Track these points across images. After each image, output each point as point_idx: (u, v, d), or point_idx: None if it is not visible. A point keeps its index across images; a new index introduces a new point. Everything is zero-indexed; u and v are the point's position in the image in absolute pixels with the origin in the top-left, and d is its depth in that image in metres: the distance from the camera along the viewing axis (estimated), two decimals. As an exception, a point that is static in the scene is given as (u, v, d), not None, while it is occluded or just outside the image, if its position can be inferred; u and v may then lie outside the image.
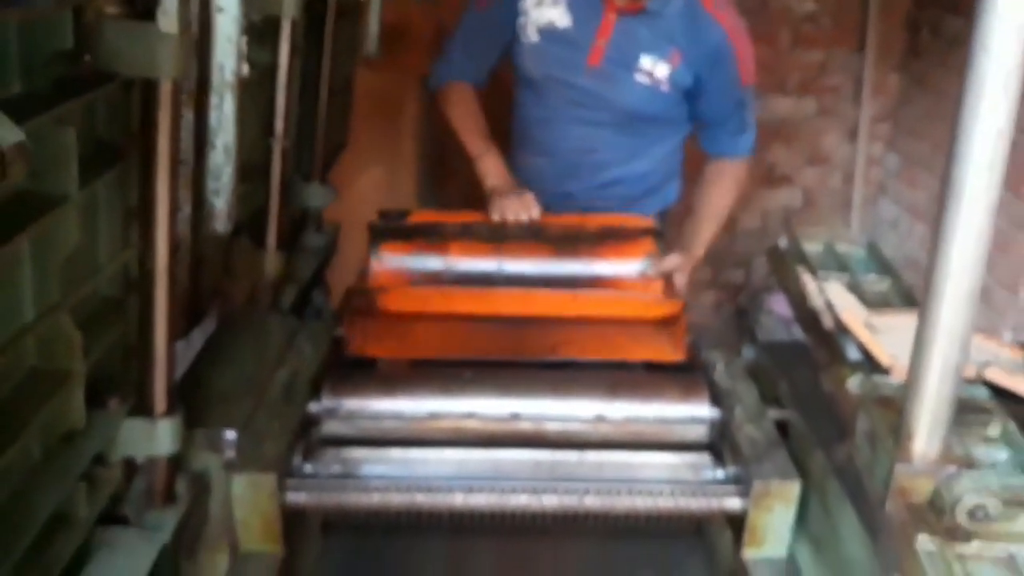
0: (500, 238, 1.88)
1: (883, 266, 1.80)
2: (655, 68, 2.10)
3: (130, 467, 1.24)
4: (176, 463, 1.25)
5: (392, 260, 1.81)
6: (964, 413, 1.36)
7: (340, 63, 2.11)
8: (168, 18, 0.81)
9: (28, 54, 0.84)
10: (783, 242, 2.03)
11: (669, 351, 1.67)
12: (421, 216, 1.96)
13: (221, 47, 0.87)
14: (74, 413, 1.06)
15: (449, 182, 3.68)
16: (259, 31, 1.58)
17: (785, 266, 1.81)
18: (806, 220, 3.66)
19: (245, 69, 0.89)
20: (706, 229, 2.23)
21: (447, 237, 1.86)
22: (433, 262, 1.82)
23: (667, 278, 1.90)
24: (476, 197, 2.10)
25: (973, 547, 1.14)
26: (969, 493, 1.15)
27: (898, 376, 1.37)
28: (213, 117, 0.91)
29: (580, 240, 1.88)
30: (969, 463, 1.22)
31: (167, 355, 1.16)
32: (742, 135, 2.23)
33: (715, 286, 3.79)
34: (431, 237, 1.85)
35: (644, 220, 2.00)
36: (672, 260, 1.94)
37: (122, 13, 0.86)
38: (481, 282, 1.78)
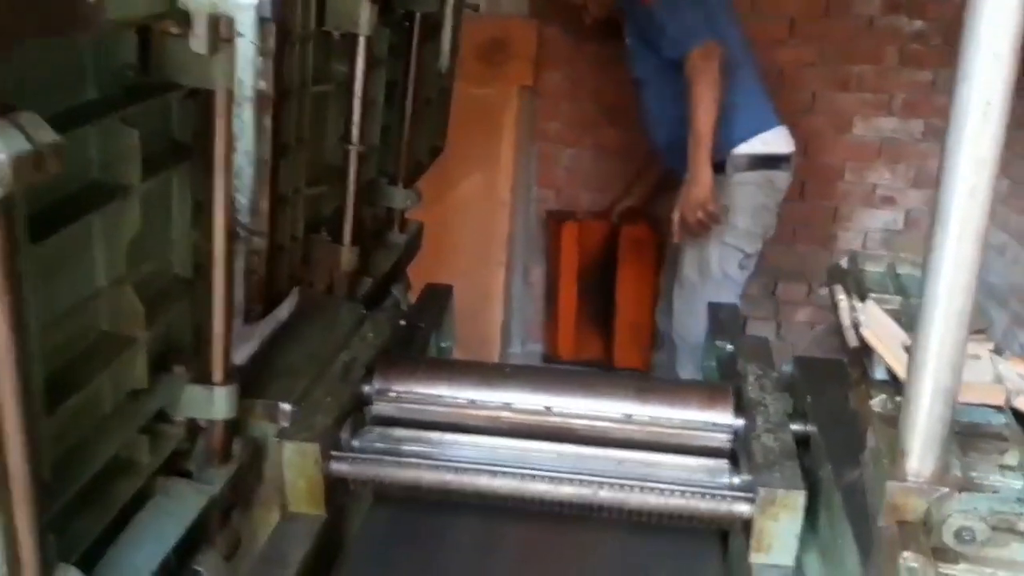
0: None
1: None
2: None
3: (195, 428, 1.41)
4: (233, 427, 1.42)
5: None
6: (984, 439, 1.38)
7: (432, 73, 2.26)
8: (198, 40, 0.97)
9: (100, 66, 1.01)
10: (844, 262, 2.05)
11: None
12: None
13: (241, 66, 1.02)
14: (137, 374, 1.23)
15: (544, 190, 3.81)
16: (340, 46, 1.75)
17: (834, 286, 1.84)
18: (907, 243, 3.58)
19: (262, 84, 1.03)
20: (692, 147, 2.79)
21: None
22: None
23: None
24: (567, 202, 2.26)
25: (959, 569, 1.17)
26: (956, 514, 1.18)
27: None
28: (236, 125, 1.06)
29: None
30: (968, 486, 1.24)
31: (224, 331, 1.32)
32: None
33: (810, 304, 3.76)
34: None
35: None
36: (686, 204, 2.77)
37: (182, 33, 1.03)
38: None
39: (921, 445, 1.21)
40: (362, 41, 1.63)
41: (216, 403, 1.34)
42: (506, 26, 3.33)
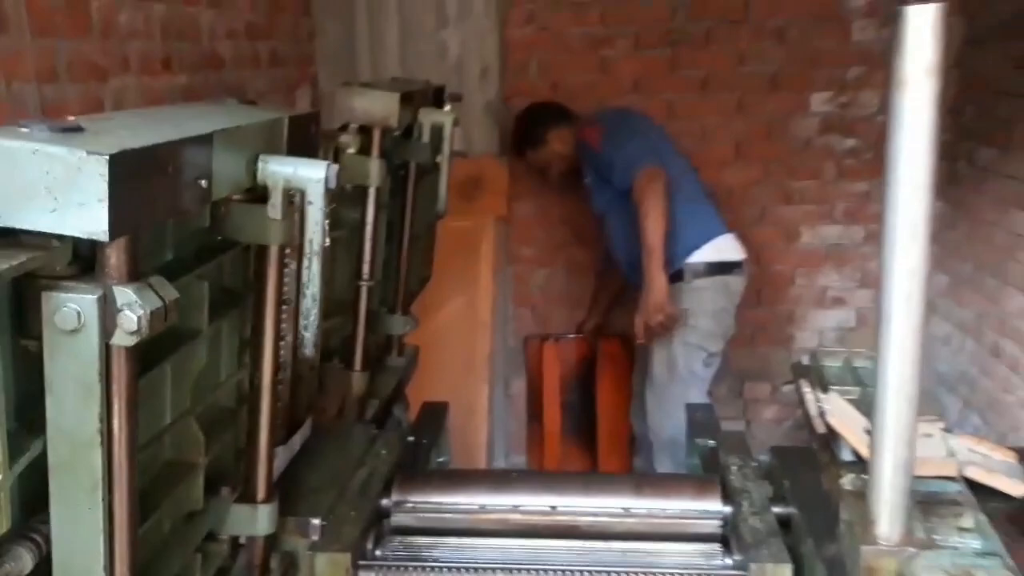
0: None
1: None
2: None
3: (235, 546, 1.55)
4: (271, 543, 1.55)
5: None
6: (942, 506, 1.57)
7: (423, 212, 2.50)
8: (275, 208, 1.18)
9: (177, 233, 1.21)
10: (806, 359, 2.28)
11: None
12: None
13: (311, 227, 1.22)
14: (195, 497, 1.38)
15: (521, 309, 4.04)
16: (350, 196, 1.98)
17: (799, 381, 2.05)
18: (860, 338, 3.82)
19: (327, 241, 1.23)
20: (645, 258, 3.13)
21: None
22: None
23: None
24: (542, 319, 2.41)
25: (933, 621, 1.34)
26: (923, 571, 1.36)
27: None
28: (304, 274, 1.26)
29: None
30: (931, 545, 1.42)
31: (268, 454, 1.48)
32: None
33: (775, 402, 3.97)
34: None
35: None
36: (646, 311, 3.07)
37: (245, 199, 1.23)
38: None
39: (888, 513, 1.40)
40: (372, 192, 1.86)
41: (259, 520, 1.48)
42: (480, 165, 3.63)
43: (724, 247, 3.27)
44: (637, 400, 3.56)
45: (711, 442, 2.06)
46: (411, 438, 2.10)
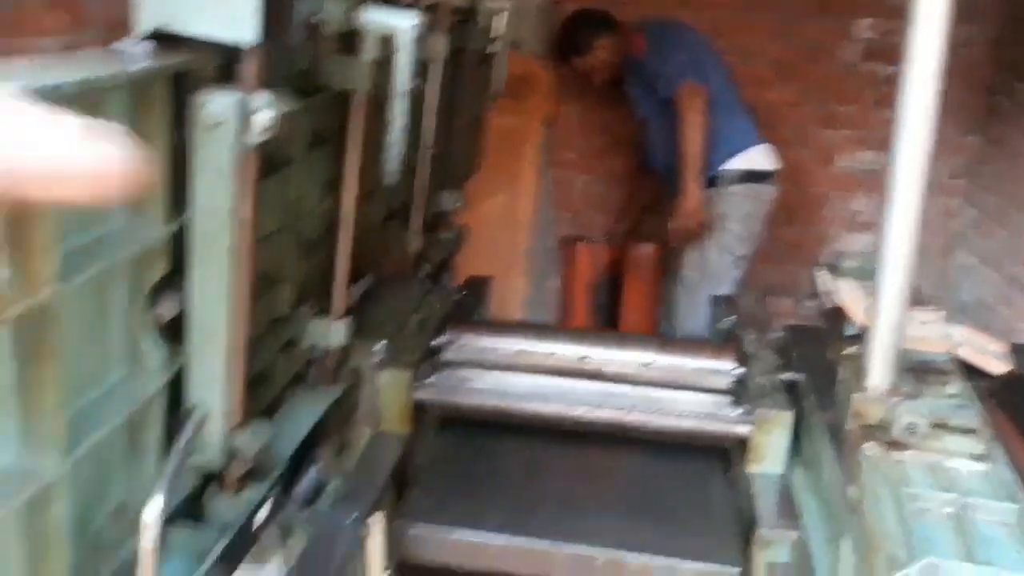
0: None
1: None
2: None
3: (308, 363, 1.79)
4: (343, 357, 1.79)
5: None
6: (932, 374, 1.78)
7: (474, 100, 2.68)
8: (368, 53, 1.38)
9: (287, 68, 1.42)
10: (827, 258, 2.47)
11: None
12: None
13: (400, 71, 1.42)
14: (283, 304, 1.62)
15: (560, 212, 4.23)
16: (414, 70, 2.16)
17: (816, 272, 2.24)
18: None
19: (411, 85, 1.44)
20: (682, 166, 3.30)
21: None
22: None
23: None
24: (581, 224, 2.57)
25: (906, 455, 1.55)
26: (905, 415, 1.57)
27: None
28: (392, 111, 1.46)
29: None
30: (914, 396, 1.62)
31: (344, 275, 1.71)
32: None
33: (796, 316, 4.16)
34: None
35: None
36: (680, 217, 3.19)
37: (338, 49, 1.44)
38: None
39: (879, 366, 1.60)
40: (435, 67, 2.05)
41: (334, 332, 1.72)
42: (528, 64, 3.78)
43: (758, 157, 3.46)
44: (667, 306, 3.77)
45: (732, 318, 2.26)
46: (459, 295, 2.33)
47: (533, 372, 1.96)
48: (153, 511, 1.09)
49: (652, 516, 1.75)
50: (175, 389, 1.28)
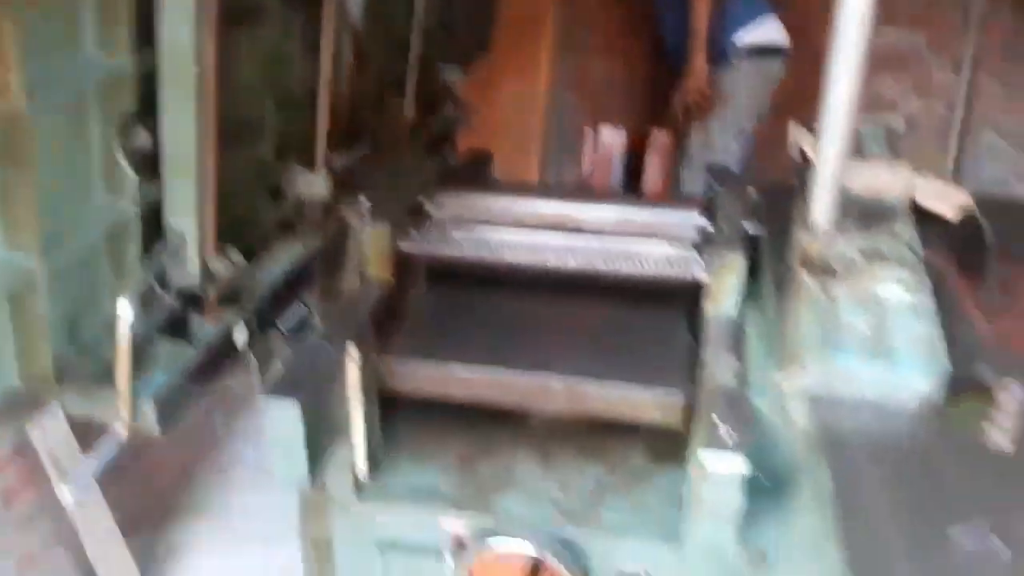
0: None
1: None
2: None
3: (299, 213, 1.94)
4: (328, 208, 1.94)
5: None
6: (882, 217, 1.85)
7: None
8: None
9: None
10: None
11: None
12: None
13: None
14: (266, 153, 1.76)
15: (577, 96, 4.29)
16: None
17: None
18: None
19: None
20: (690, 42, 3.35)
21: None
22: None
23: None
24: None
25: (842, 285, 1.64)
26: (840, 247, 1.66)
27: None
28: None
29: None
30: (852, 231, 1.71)
31: (325, 132, 1.84)
32: None
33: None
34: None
35: None
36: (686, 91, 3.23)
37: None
38: None
39: (823, 206, 1.68)
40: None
41: (317, 184, 1.87)
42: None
43: (768, 31, 3.45)
44: (676, 185, 3.85)
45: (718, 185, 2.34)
46: (453, 163, 2.45)
47: (515, 227, 2.08)
48: (125, 305, 1.26)
49: (614, 352, 1.88)
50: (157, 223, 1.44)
